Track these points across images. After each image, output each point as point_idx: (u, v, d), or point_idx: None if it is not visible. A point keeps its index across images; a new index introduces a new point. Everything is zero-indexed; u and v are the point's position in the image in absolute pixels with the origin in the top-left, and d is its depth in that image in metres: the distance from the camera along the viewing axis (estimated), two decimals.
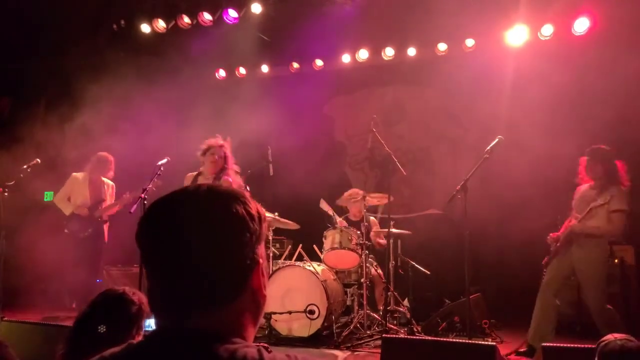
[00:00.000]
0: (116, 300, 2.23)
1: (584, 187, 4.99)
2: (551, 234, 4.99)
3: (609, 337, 2.35)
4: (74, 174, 7.07)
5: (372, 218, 6.75)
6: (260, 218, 1.15)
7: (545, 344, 3.47)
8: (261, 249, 1.15)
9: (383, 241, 6.69)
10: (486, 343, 3.45)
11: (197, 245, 1.05)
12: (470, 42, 7.61)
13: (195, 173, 5.74)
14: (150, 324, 2.39)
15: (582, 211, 4.78)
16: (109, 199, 7.08)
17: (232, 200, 1.11)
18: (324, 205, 6.46)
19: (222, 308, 1.06)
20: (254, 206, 1.14)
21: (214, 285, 1.05)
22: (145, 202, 5.12)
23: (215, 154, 5.60)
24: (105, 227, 7.08)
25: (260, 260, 1.13)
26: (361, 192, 6.39)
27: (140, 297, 2.28)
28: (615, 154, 4.81)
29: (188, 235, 1.05)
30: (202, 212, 1.08)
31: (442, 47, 7.79)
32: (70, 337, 2.17)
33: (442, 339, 4.58)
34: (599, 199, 4.64)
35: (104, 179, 7.07)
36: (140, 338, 2.22)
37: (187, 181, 5.84)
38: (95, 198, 6.99)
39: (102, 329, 2.16)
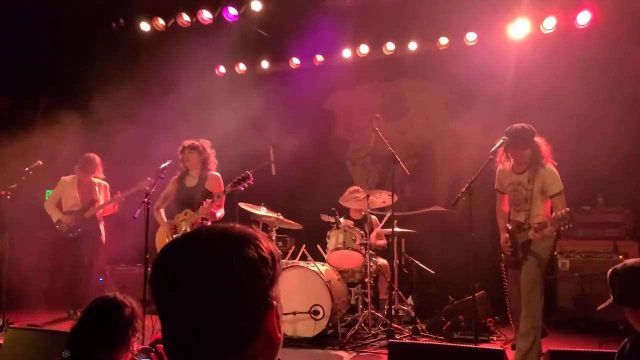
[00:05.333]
0: (109, 306, 2.29)
1: (506, 170, 4.87)
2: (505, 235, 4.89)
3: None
4: (63, 177, 7.14)
5: (373, 217, 6.73)
6: (274, 259, 1.13)
7: (552, 349, 3.48)
8: (275, 291, 1.13)
9: (382, 242, 6.68)
10: (494, 348, 3.46)
11: (209, 293, 1.03)
12: (472, 36, 7.54)
13: (177, 176, 5.85)
14: None
15: (519, 203, 4.72)
16: (102, 199, 7.13)
17: (245, 244, 1.09)
18: (325, 218, 6.47)
19: (236, 354, 1.05)
20: (267, 247, 1.12)
21: (227, 332, 1.04)
22: (149, 206, 5.11)
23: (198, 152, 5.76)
24: (101, 226, 7.12)
25: (274, 303, 1.12)
26: (361, 189, 6.36)
27: (130, 301, 2.35)
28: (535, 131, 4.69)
29: (200, 283, 1.04)
30: (214, 259, 1.06)
31: (443, 41, 7.71)
32: (68, 346, 2.22)
33: (449, 344, 4.58)
34: (533, 186, 4.61)
35: (94, 179, 7.11)
36: (135, 340, 2.29)
37: (173, 185, 5.86)
38: (85, 199, 7.03)
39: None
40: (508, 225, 4.90)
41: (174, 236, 5.51)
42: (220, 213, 5.72)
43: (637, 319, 2.36)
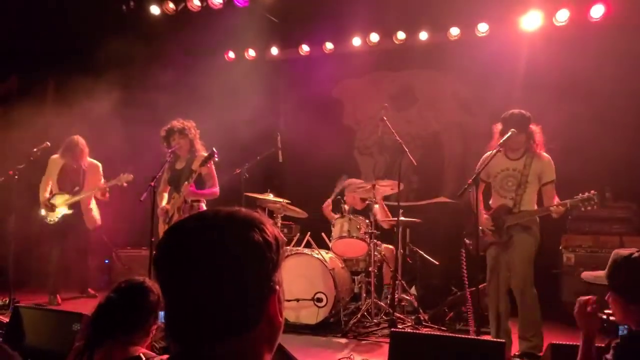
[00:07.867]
0: (137, 289, 2.33)
1: (498, 156, 4.67)
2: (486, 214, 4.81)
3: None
4: (53, 156, 6.89)
5: (376, 206, 6.70)
6: (278, 244, 1.13)
7: (553, 342, 3.47)
8: (278, 276, 1.14)
9: (387, 221, 6.58)
10: (496, 340, 3.45)
11: (213, 275, 1.04)
12: (483, 27, 7.46)
13: (167, 162, 5.62)
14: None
15: (508, 189, 4.70)
16: (88, 184, 6.82)
17: (250, 228, 1.09)
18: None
19: (238, 337, 1.06)
20: (272, 232, 1.13)
21: (230, 315, 1.05)
22: (155, 190, 5.12)
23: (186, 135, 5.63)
24: (90, 211, 6.89)
25: (277, 287, 1.12)
26: (359, 181, 6.32)
27: (157, 288, 2.37)
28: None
29: (204, 265, 1.04)
30: (219, 241, 1.06)
31: (454, 31, 7.64)
32: (93, 322, 2.26)
33: (450, 334, 4.59)
34: (529, 171, 4.61)
35: (91, 161, 6.93)
36: (156, 327, 2.33)
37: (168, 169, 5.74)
38: (64, 184, 6.80)
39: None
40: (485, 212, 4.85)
41: (167, 221, 5.48)
42: (208, 192, 5.54)
43: (623, 312, 2.30)
